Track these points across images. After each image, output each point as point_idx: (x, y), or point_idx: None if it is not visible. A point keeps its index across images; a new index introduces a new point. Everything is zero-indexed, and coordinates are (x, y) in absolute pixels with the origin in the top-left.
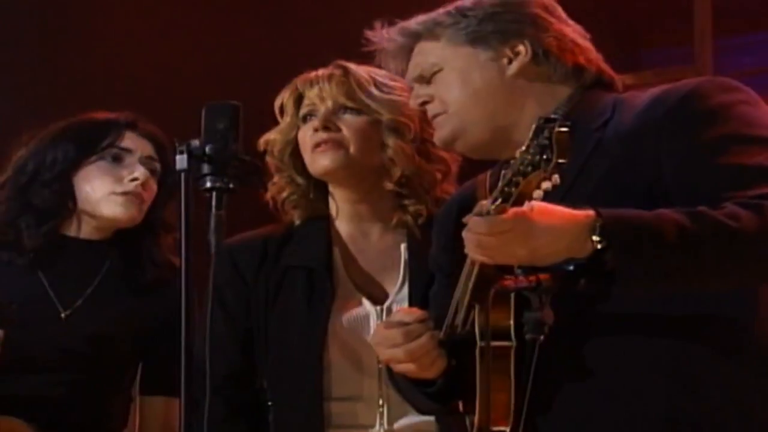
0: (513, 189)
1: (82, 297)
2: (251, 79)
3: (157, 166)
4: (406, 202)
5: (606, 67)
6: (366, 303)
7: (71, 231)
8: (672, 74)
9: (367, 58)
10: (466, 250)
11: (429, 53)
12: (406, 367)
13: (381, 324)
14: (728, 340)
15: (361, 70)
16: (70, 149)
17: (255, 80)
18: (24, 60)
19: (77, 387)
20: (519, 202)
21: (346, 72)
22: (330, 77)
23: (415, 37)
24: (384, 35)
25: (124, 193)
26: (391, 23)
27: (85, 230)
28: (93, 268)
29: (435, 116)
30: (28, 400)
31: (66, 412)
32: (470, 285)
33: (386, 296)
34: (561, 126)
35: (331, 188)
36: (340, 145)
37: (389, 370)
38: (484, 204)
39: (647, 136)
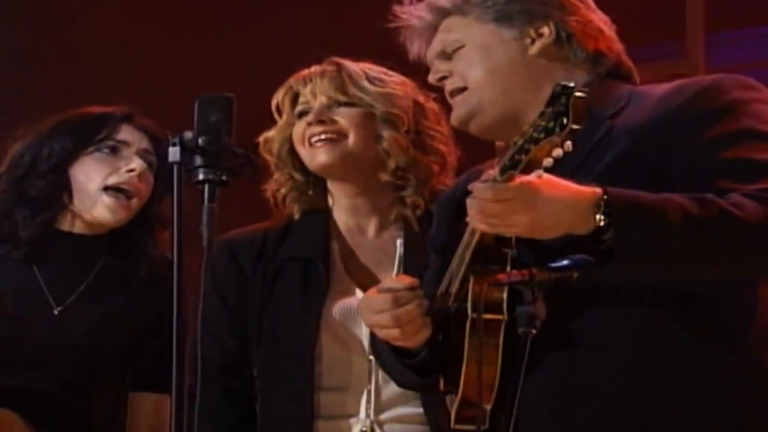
0: (523, 156)
1: (76, 293)
2: (247, 73)
3: (154, 159)
4: (404, 193)
5: (626, 59)
6: (359, 294)
7: (65, 226)
8: (663, 69)
9: (364, 58)
10: (468, 218)
11: (453, 29)
12: (390, 333)
13: (371, 290)
14: (724, 338)
15: (353, 66)
16: (67, 141)
17: (251, 74)
18: (20, 56)
19: (69, 382)
20: (528, 170)
21: (339, 68)
22: (323, 73)
23: (443, 13)
24: (412, 11)
25: (119, 190)
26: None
27: (80, 225)
28: (87, 264)
29: (452, 93)
30: (19, 394)
31: (58, 407)
32: (468, 255)
33: None
34: (579, 92)
35: (329, 184)
36: (336, 138)
37: (373, 337)
38: (492, 172)
39: (659, 125)
